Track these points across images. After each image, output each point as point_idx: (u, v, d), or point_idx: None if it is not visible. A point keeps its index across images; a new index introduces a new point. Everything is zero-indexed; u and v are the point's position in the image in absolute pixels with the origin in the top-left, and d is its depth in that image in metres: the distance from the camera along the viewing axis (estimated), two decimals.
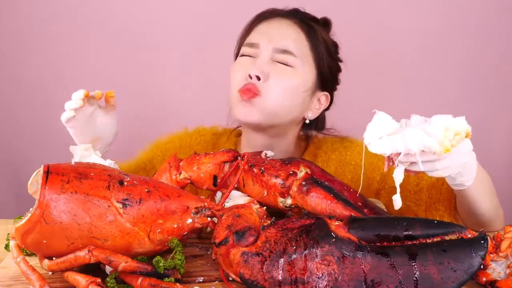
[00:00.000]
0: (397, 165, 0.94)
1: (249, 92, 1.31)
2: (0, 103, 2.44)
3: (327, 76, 1.43)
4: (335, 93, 1.50)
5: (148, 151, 1.60)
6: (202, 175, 1.13)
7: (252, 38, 1.40)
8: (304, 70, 1.36)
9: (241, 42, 1.46)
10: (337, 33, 1.49)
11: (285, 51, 1.35)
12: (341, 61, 1.48)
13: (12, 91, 2.43)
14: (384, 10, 2.28)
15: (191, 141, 1.56)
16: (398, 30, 2.29)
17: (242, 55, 1.40)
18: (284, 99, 1.34)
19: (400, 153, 0.91)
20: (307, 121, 1.45)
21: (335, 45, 1.47)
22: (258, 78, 1.31)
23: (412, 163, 0.92)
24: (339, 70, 1.48)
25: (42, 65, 2.39)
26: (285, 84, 1.33)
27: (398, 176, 0.94)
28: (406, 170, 0.94)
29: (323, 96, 1.44)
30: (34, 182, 0.94)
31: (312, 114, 1.43)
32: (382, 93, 2.35)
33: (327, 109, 1.48)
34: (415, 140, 0.89)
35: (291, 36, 1.37)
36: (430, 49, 2.31)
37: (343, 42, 1.50)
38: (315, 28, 1.41)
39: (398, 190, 0.94)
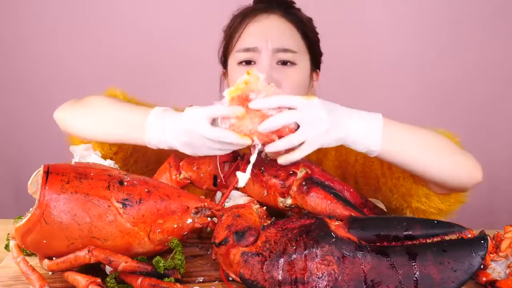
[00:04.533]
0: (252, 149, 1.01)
1: None
2: (0, 103, 2.44)
3: (317, 55, 1.44)
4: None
5: None
6: (202, 175, 1.13)
7: (247, 42, 1.34)
8: (304, 62, 1.37)
9: (228, 47, 1.40)
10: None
11: (286, 50, 1.33)
12: (317, 32, 1.47)
13: (13, 91, 2.43)
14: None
15: None
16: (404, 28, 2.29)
17: (239, 63, 1.34)
18: None
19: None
20: None
21: (311, 20, 1.45)
22: None
23: (264, 142, 0.99)
24: (319, 41, 1.47)
25: (42, 64, 2.39)
26: (295, 85, 1.33)
27: (252, 159, 1.02)
28: (270, 153, 1.02)
29: (315, 74, 1.45)
30: (34, 182, 0.94)
31: (310, 94, 1.43)
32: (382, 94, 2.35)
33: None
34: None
35: (286, 33, 1.35)
36: (429, 46, 2.31)
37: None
38: (299, 15, 1.40)
39: (249, 170, 1.02)
